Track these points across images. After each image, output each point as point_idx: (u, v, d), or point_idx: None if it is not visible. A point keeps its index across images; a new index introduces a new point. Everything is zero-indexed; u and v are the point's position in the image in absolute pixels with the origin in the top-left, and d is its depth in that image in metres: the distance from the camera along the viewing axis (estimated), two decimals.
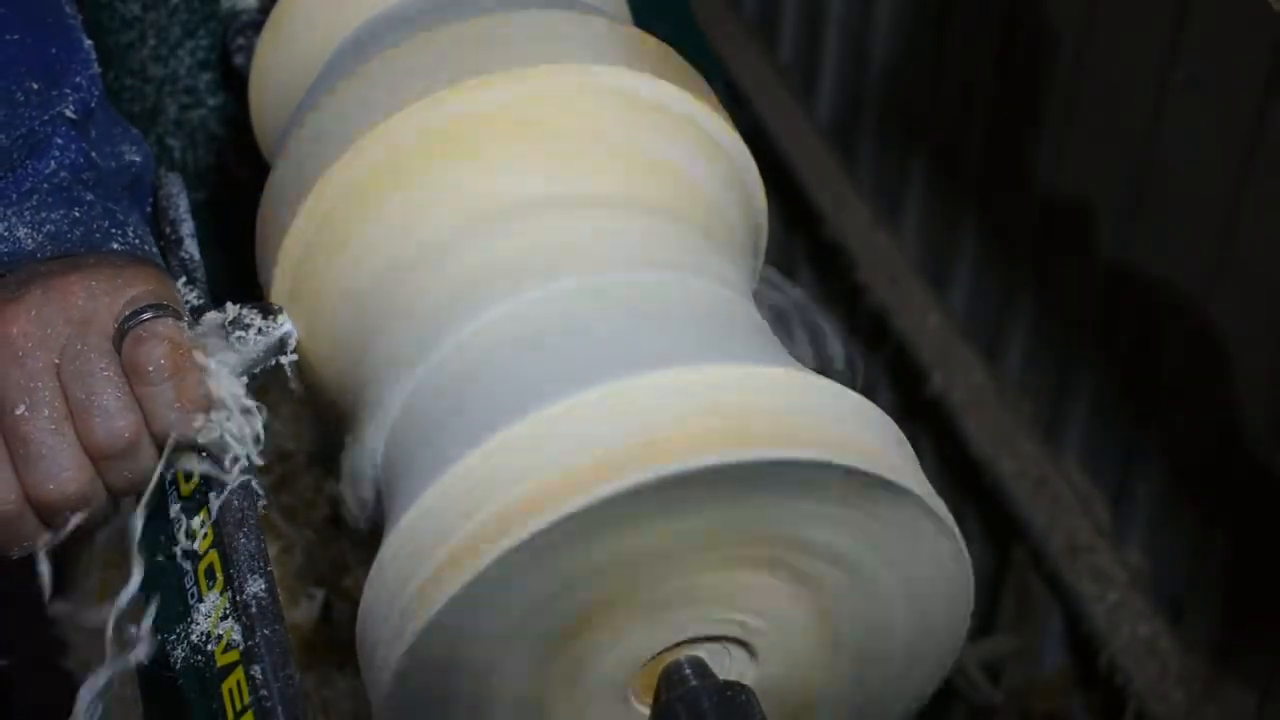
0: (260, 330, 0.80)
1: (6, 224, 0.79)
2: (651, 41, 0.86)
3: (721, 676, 0.74)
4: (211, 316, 0.80)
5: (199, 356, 0.76)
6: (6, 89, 0.81)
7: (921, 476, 0.72)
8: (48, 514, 0.75)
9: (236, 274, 0.95)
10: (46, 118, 0.82)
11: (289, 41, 0.95)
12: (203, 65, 1.14)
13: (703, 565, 0.70)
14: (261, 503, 0.79)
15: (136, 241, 0.82)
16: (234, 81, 1.12)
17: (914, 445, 0.75)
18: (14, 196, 0.80)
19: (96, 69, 0.86)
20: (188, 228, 0.95)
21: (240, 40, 1.09)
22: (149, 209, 0.94)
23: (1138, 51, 1.57)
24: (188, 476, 0.80)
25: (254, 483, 0.79)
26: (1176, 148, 1.55)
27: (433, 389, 0.75)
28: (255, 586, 0.75)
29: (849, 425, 0.70)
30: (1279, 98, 1.41)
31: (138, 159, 0.89)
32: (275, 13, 0.95)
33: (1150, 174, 1.59)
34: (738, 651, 0.75)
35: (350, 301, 0.81)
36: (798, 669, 0.77)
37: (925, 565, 0.74)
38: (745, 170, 0.87)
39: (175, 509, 0.80)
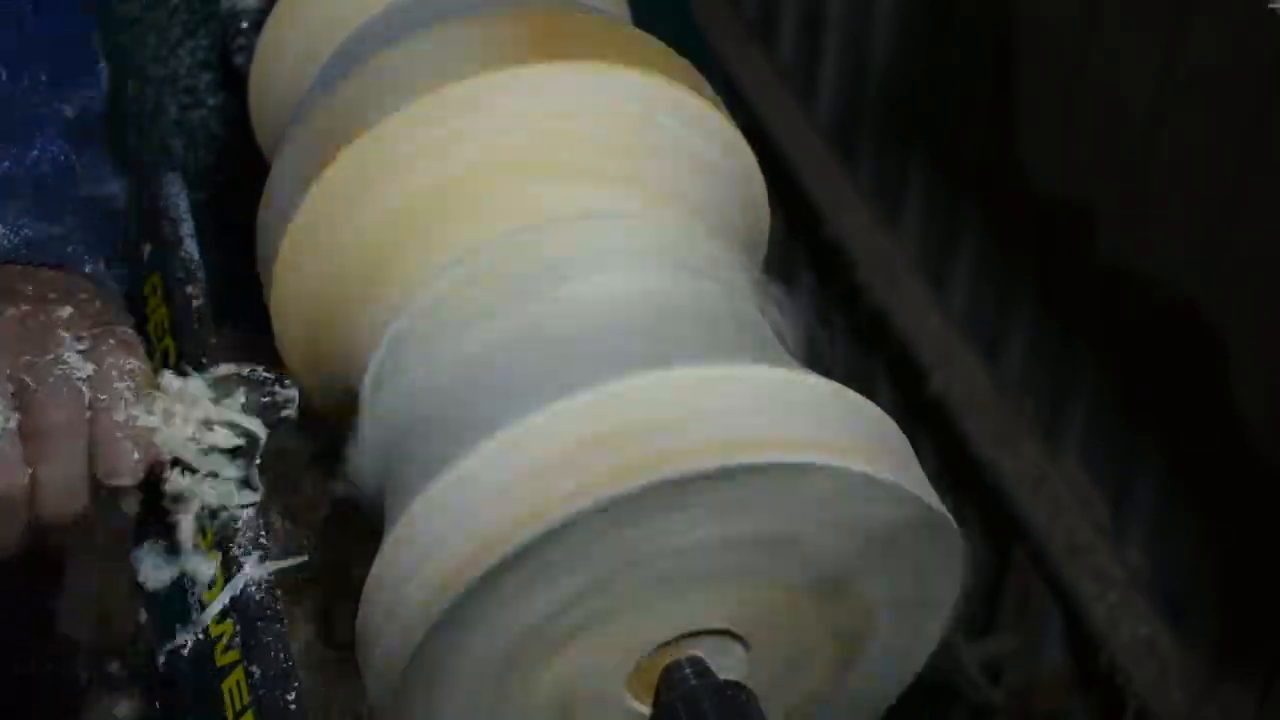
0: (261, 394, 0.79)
1: None
2: (652, 41, 0.86)
3: (721, 676, 0.74)
4: (221, 370, 0.79)
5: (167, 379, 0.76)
6: (16, 70, 0.84)
7: (921, 474, 0.72)
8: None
9: (236, 274, 0.95)
10: (45, 110, 0.84)
11: (289, 41, 0.95)
12: (203, 65, 1.14)
13: (702, 564, 0.70)
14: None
15: (105, 274, 0.83)
16: (234, 81, 1.12)
17: (914, 445, 0.75)
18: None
19: (104, 89, 0.89)
20: (188, 228, 0.95)
21: (240, 40, 1.09)
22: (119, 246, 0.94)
23: (1138, 51, 1.57)
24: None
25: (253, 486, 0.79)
26: (1176, 148, 1.55)
27: (432, 391, 0.75)
28: (255, 586, 0.75)
29: (845, 426, 0.70)
30: (1279, 98, 1.41)
31: (115, 191, 0.91)
32: (275, 13, 0.95)
33: (1150, 174, 1.59)
34: (733, 646, 0.75)
35: (349, 303, 0.81)
36: (794, 664, 0.77)
37: (923, 562, 0.74)
38: (748, 170, 0.87)
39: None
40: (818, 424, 0.69)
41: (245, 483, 0.78)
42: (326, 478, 0.83)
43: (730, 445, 0.66)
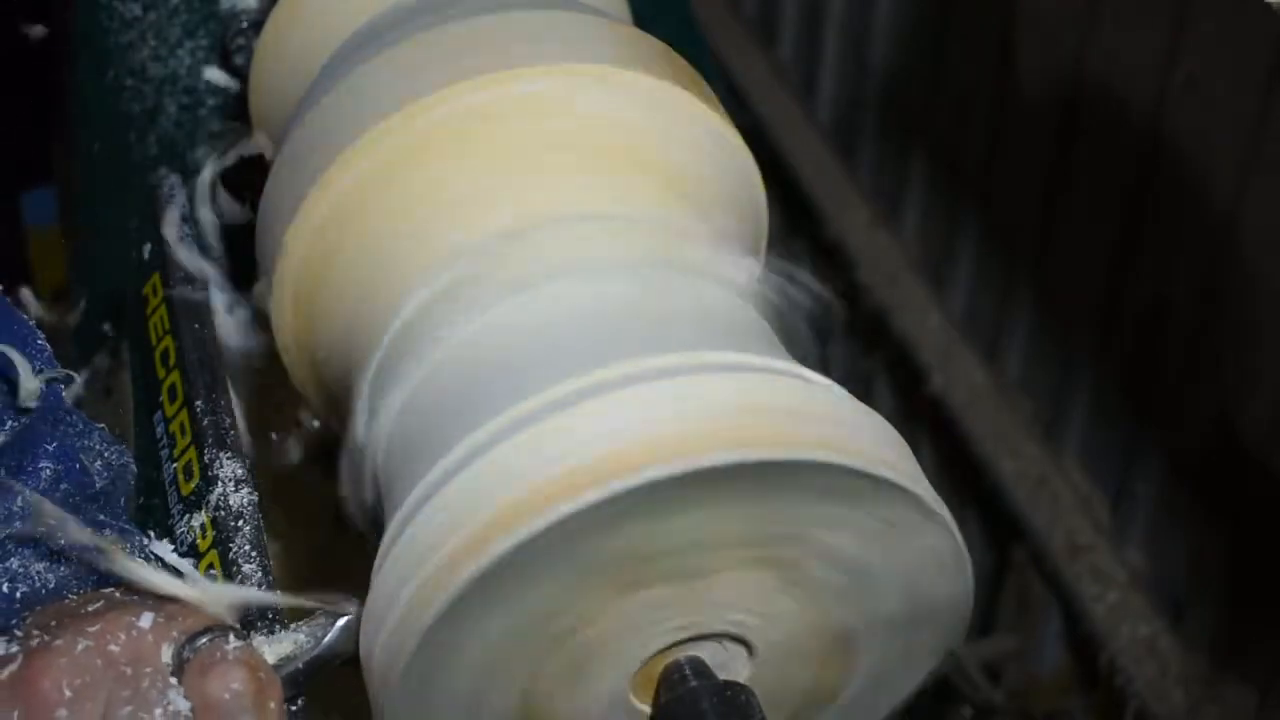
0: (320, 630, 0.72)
1: (20, 558, 0.68)
2: (652, 42, 0.86)
3: (721, 676, 0.74)
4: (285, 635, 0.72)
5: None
6: None
7: (921, 477, 0.72)
8: None
9: (237, 274, 0.95)
10: (16, 423, 0.71)
11: (289, 41, 0.95)
12: (203, 65, 1.14)
13: (702, 565, 0.70)
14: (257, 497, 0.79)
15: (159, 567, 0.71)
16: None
17: (914, 445, 0.75)
18: (16, 524, 0.68)
19: (54, 361, 0.75)
20: (188, 228, 0.95)
21: (240, 40, 1.09)
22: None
23: (1138, 51, 1.57)
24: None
25: (253, 485, 0.79)
26: (1176, 148, 1.55)
27: (431, 390, 0.75)
28: (255, 585, 0.75)
29: (847, 427, 0.70)
30: (1279, 97, 1.41)
31: (129, 461, 0.77)
32: (275, 12, 0.95)
33: (1150, 174, 1.59)
34: (736, 649, 0.75)
35: (350, 302, 0.81)
36: (796, 667, 0.77)
37: (925, 565, 0.74)
38: (746, 170, 0.87)
39: (176, 508, 0.80)
40: (818, 422, 0.69)
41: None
42: (326, 477, 0.83)
43: (731, 442, 0.66)
